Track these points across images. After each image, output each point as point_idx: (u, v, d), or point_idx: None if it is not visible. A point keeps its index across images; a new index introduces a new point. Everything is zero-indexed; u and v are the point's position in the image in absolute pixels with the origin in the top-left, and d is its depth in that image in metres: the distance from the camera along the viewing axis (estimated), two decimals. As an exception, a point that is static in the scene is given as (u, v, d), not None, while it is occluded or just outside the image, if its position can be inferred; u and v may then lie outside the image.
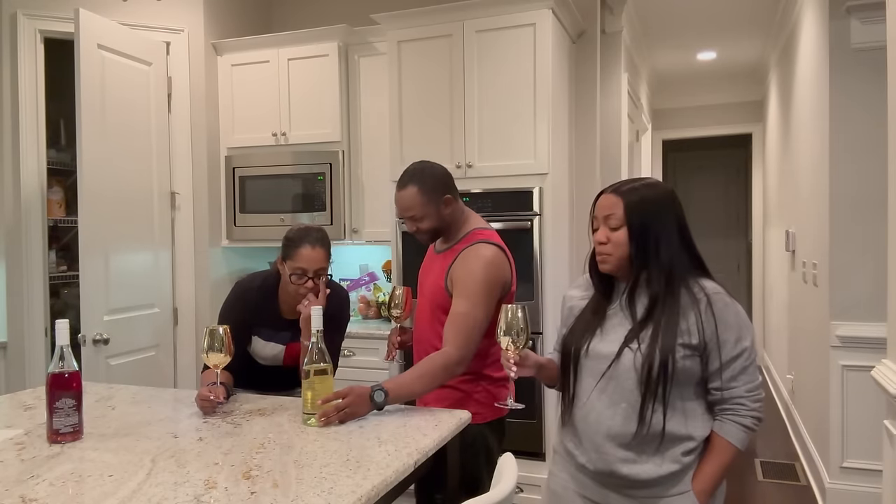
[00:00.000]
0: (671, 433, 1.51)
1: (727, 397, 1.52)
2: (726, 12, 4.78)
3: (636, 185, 1.58)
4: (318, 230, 2.13)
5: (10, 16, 3.25)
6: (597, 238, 1.60)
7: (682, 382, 1.51)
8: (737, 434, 1.52)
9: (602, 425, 1.54)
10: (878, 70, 2.79)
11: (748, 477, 3.85)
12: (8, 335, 3.30)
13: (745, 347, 1.52)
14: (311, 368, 1.78)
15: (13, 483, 1.39)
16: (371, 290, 3.97)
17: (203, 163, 3.71)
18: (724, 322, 1.51)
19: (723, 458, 1.53)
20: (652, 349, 1.49)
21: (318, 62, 3.65)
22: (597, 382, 1.56)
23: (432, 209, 2.01)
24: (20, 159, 3.25)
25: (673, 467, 1.52)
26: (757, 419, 1.53)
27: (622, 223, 1.54)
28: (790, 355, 4.80)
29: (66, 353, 1.66)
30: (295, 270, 2.06)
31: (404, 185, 2.02)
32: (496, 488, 1.41)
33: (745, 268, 8.33)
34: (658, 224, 1.54)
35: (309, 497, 1.30)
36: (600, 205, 1.59)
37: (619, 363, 1.53)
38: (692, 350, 1.50)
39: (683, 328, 1.50)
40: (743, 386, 1.52)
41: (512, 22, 3.13)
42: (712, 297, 1.52)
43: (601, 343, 1.57)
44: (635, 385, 1.51)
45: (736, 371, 1.52)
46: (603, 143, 3.79)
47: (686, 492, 1.53)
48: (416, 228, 2.05)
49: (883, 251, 2.38)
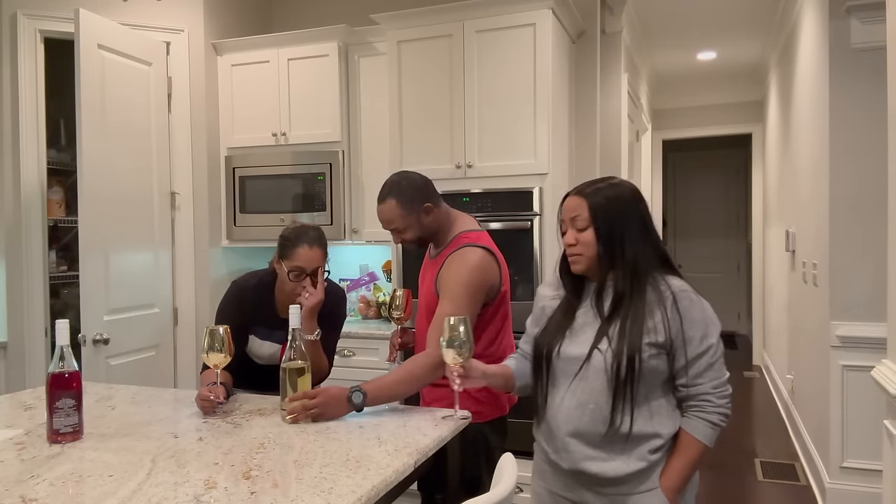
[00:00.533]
0: (638, 431, 1.53)
1: (693, 394, 1.54)
2: (726, 12, 4.78)
3: (600, 186, 1.60)
4: (315, 229, 2.15)
5: (10, 16, 3.25)
6: (566, 240, 1.62)
7: (649, 381, 1.53)
8: (704, 430, 1.54)
9: (570, 424, 1.57)
10: (878, 70, 2.79)
11: (748, 477, 3.85)
12: (8, 335, 3.30)
13: (711, 344, 1.54)
14: (289, 366, 1.82)
15: (13, 483, 1.39)
16: (371, 290, 3.97)
17: (203, 163, 3.71)
18: (690, 319, 1.53)
19: (690, 454, 1.54)
20: (620, 348, 1.52)
21: (318, 62, 3.65)
22: (570, 383, 1.58)
23: (413, 219, 2.02)
24: (20, 159, 3.25)
25: (640, 465, 1.54)
26: (724, 415, 1.55)
27: (588, 224, 1.57)
28: (790, 355, 4.80)
29: (66, 353, 1.66)
30: (293, 269, 2.07)
31: (383, 199, 2.04)
32: (496, 488, 1.41)
33: (745, 268, 8.33)
34: (622, 222, 1.57)
35: (309, 497, 1.30)
36: (566, 207, 1.62)
37: (590, 364, 1.55)
38: (659, 348, 1.52)
39: (650, 326, 1.53)
40: (709, 382, 1.54)
41: (512, 22, 3.13)
42: (678, 294, 1.54)
43: (572, 345, 1.60)
44: (604, 385, 1.53)
45: (702, 368, 1.53)
46: (603, 143, 3.79)
47: (654, 489, 1.55)
48: (401, 240, 2.07)
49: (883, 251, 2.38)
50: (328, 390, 1.81)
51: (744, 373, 6.66)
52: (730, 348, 7.92)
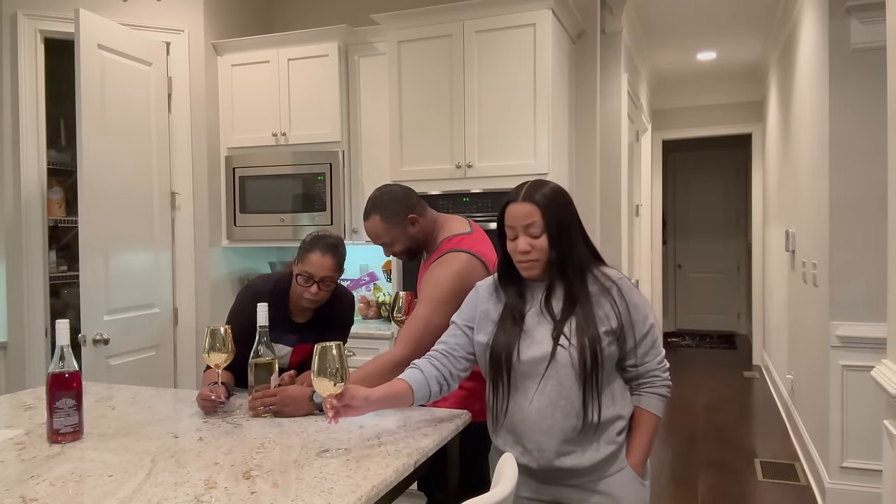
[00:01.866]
0: (606, 417, 1.60)
1: (643, 372, 1.65)
2: (726, 12, 4.78)
3: (545, 191, 1.63)
4: (334, 238, 2.14)
5: (10, 16, 3.25)
6: (520, 247, 1.62)
7: (608, 368, 1.60)
8: (657, 404, 1.66)
9: (542, 424, 1.59)
10: (878, 70, 2.79)
11: (748, 477, 3.85)
12: (8, 335, 3.30)
13: (652, 324, 1.65)
14: (255, 362, 1.89)
15: (13, 483, 1.39)
16: (371, 291, 3.98)
17: (203, 163, 3.71)
18: (634, 303, 1.63)
19: (649, 428, 1.66)
20: (581, 341, 1.56)
21: (318, 62, 3.65)
22: (538, 384, 1.60)
23: (399, 232, 2.06)
24: (20, 159, 3.25)
25: (610, 448, 1.61)
26: (668, 387, 1.68)
27: (542, 230, 1.60)
28: (790, 355, 4.80)
29: (66, 353, 1.66)
30: (301, 273, 2.09)
31: (368, 216, 2.09)
32: (496, 488, 1.41)
33: (745, 268, 8.34)
34: (569, 225, 1.63)
35: (309, 497, 1.30)
36: (516, 214, 1.62)
37: (556, 362, 1.58)
38: (612, 335, 1.60)
39: (601, 315, 1.60)
40: (654, 359, 1.65)
41: (512, 22, 3.13)
42: (619, 282, 1.64)
43: (531, 347, 1.61)
44: (574, 380, 1.57)
45: (647, 346, 1.64)
46: (603, 143, 3.79)
47: (623, 468, 1.63)
48: (391, 252, 2.12)
49: (883, 251, 2.38)
50: (287, 389, 1.88)
51: (744, 373, 6.66)
52: (729, 348, 7.92)
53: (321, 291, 2.10)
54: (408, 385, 1.66)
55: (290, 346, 2.23)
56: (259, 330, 1.91)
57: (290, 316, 2.22)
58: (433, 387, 1.69)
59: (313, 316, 2.23)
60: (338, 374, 1.53)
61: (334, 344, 1.54)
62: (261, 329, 1.91)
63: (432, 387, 1.69)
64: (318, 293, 2.09)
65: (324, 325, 2.21)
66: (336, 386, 1.53)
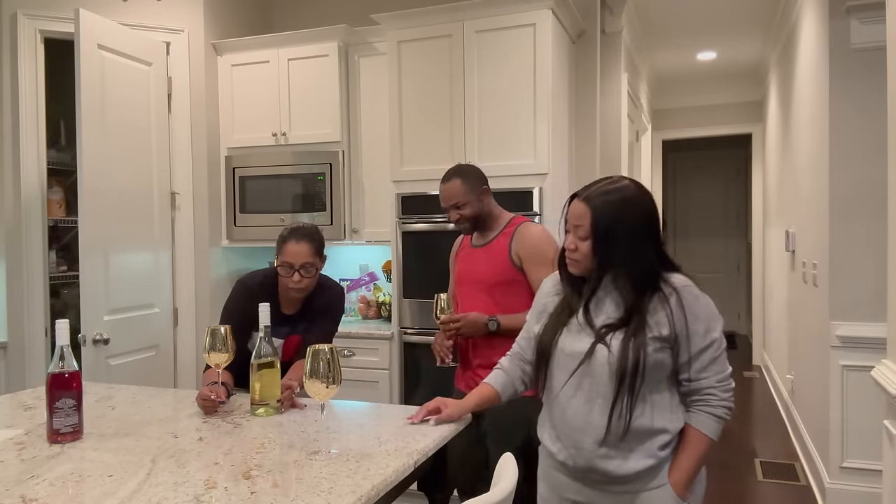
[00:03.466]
0: (646, 427, 1.53)
1: (697, 388, 1.56)
2: (726, 12, 4.78)
3: (609, 197, 1.57)
4: (308, 227, 2.24)
5: (10, 16, 3.25)
6: (566, 244, 1.63)
7: (654, 376, 1.53)
8: (710, 424, 1.55)
9: (579, 420, 1.57)
10: (878, 70, 2.79)
11: (748, 477, 3.85)
12: (8, 335, 3.30)
13: (715, 339, 1.55)
14: (258, 362, 1.88)
15: (13, 483, 1.39)
16: (371, 290, 3.98)
17: (203, 163, 3.71)
18: (693, 314, 1.54)
19: (698, 449, 1.56)
20: (625, 345, 1.52)
21: (318, 62, 3.65)
22: (568, 378, 1.58)
23: (473, 197, 2.32)
24: (20, 159, 3.25)
25: (649, 462, 1.54)
26: (728, 409, 1.56)
27: (588, 235, 1.57)
28: (790, 355, 4.80)
29: (66, 353, 1.66)
30: (282, 265, 2.17)
31: (448, 179, 2.35)
32: (496, 488, 1.41)
33: (745, 268, 8.33)
34: (625, 234, 1.55)
35: (309, 497, 1.30)
36: (571, 211, 1.62)
37: (593, 360, 1.55)
38: (663, 342, 1.53)
39: (654, 321, 1.53)
40: (714, 376, 1.55)
41: (512, 22, 3.13)
42: (680, 290, 1.56)
43: (571, 340, 1.60)
44: (608, 379, 1.53)
45: (706, 362, 1.55)
46: (603, 143, 3.79)
47: (664, 485, 1.55)
48: (459, 216, 2.33)
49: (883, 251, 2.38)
50: (469, 315, 2.26)
51: (744, 373, 6.66)
52: (730, 348, 7.88)
53: (304, 279, 2.17)
54: (495, 391, 1.83)
55: (281, 338, 2.28)
56: (261, 329, 1.91)
57: (280, 309, 2.27)
58: (518, 387, 1.85)
59: (302, 307, 2.30)
60: (330, 375, 1.53)
61: (327, 346, 1.54)
62: (263, 328, 1.91)
63: (518, 387, 1.85)
64: (301, 281, 2.16)
65: (312, 315, 2.29)
66: (329, 388, 1.53)
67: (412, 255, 3.33)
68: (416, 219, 3.32)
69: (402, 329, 3.36)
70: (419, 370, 3.32)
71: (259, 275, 2.33)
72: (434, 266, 3.28)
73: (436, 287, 3.27)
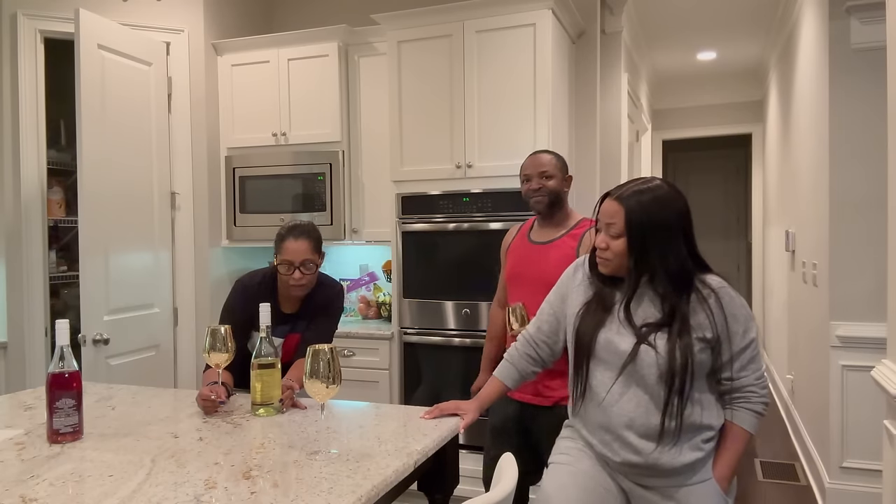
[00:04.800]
0: (692, 423, 1.57)
1: (738, 386, 1.60)
2: (726, 12, 4.78)
3: (642, 197, 1.58)
4: (305, 224, 2.24)
5: (10, 16, 3.25)
6: (597, 242, 1.63)
7: (698, 375, 1.57)
8: (750, 420, 1.61)
9: (625, 417, 1.58)
10: (878, 70, 2.79)
11: (748, 477, 3.85)
12: (8, 335, 3.30)
13: (752, 338, 1.60)
14: (258, 362, 1.88)
15: (13, 483, 1.39)
16: (371, 290, 3.97)
17: (203, 163, 3.71)
18: (733, 315, 1.58)
19: (739, 444, 1.61)
20: (672, 346, 1.53)
21: (318, 62, 3.65)
22: (617, 376, 1.60)
23: (560, 177, 2.32)
24: (20, 159, 3.25)
25: (697, 454, 1.57)
26: (766, 404, 1.63)
27: (622, 233, 1.57)
28: (790, 355, 4.80)
29: (66, 353, 1.66)
30: (281, 262, 2.17)
31: (541, 152, 2.37)
32: (496, 488, 1.41)
33: (745, 268, 8.33)
34: (659, 233, 1.56)
35: (309, 497, 1.30)
36: (604, 210, 1.62)
37: (639, 359, 1.56)
38: (706, 343, 1.56)
39: (695, 324, 1.56)
40: (752, 374, 1.60)
41: (512, 22, 3.13)
42: (719, 291, 1.58)
43: (615, 338, 1.61)
44: (656, 380, 1.55)
45: (745, 361, 1.59)
46: (603, 143, 3.79)
47: (707, 479, 1.59)
48: (542, 185, 2.28)
49: (883, 251, 2.38)
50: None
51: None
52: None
53: (305, 276, 2.17)
54: (506, 386, 1.89)
55: (281, 337, 2.29)
56: (262, 329, 1.91)
57: (280, 307, 2.27)
58: (528, 377, 1.90)
59: (302, 306, 2.30)
60: (331, 375, 1.53)
61: (327, 346, 1.54)
62: (265, 328, 1.91)
63: (527, 378, 1.90)
64: (302, 278, 2.16)
65: (312, 313, 2.28)
66: (329, 388, 1.53)
67: (412, 255, 3.33)
68: (416, 219, 3.32)
69: (402, 329, 3.36)
70: (419, 370, 3.32)
71: (258, 274, 2.33)
72: (434, 266, 3.29)
73: (436, 287, 3.28)
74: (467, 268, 3.19)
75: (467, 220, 3.21)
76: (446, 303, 3.25)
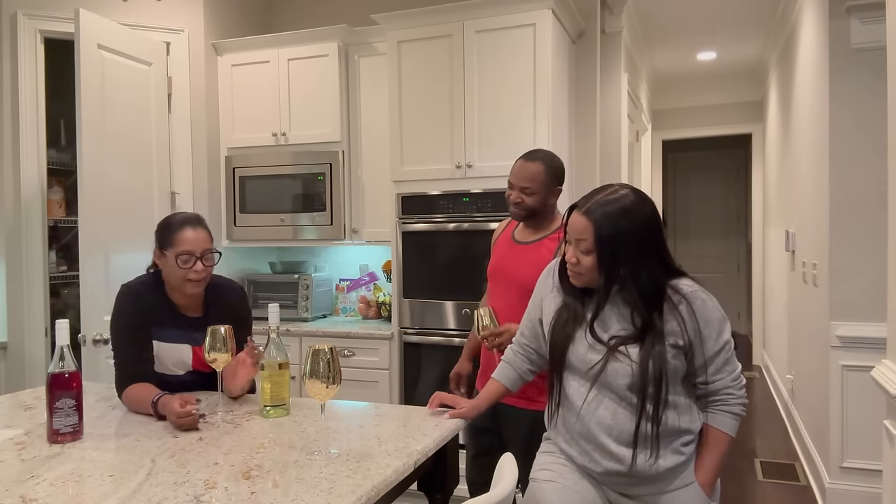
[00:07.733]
0: (670, 428, 1.56)
1: (714, 390, 1.60)
2: (726, 12, 4.78)
3: (609, 209, 1.54)
4: (195, 213, 2.13)
5: (10, 16, 3.25)
6: (567, 257, 1.62)
7: (672, 380, 1.56)
8: (729, 423, 1.61)
9: (603, 426, 1.57)
10: (878, 70, 2.79)
11: (748, 477, 3.85)
12: (8, 335, 3.30)
13: (726, 340, 1.59)
14: (267, 363, 1.87)
15: (13, 483, 1.39)
16: (371, 290, 3.97)
17: (203, 163, 3.71)
18: (705, 319, 1.56)
19: (720, 447, 1.60)
20: (645, 354, 1.52)
21: (318, 62, 3.65)
22: (591, 386, 1.59)
23: (545, 190, 2.18)
24: (20, 159, 3.25)
25: (678, 458, 1.56)
26: (744, 405, 1.62)
27: (592, 249, 1.55)
28: (790, 355, 4.80)
29: (66, 353, 1.66)
30: (181, 254, 1.98)
31: (533, 159, 2.19)
32: (496, 488, 1.41)
33: (745, 268, 8.33)
34: (629, 248, 1.54)
35: (309, 497, 1.30)
36: (571, 225, 1.59)
37: (612, 368, 1.55)
38: (678, 349, 1.55)
39: (667, 331, 1.54)
40: (728, 376, 1.60)
41: (512, 22, 3.13)
42: (689, 296, 1.56)
43: (585, 351, 1.60)
44: (629, 388, 1.54)
45: (720, 364, 1.59)
46: (603, 143, 3.79)
47: (689, 484, 1.58)
48: (521, 200, 2.18)
49: (883, 251, 2.38)
50: (511, 328, 2.05)
51: (744, 373, 6.64)
52: (730, 348, 7.89)
53: (206, 268, 2.01)
54: (504, 387, 1.89)
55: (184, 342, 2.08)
56: (271, 331, 1.89)
57: (182, 311, 2.09)
58: (526, 378, 1.90)
59: (207, 309, 2.11)
60: (331, 375, 1.52)
61: (327, 346, 1.54)
62: (275, 329, 1.89)
63: (526, 378, 1.90)
64: (203, 270, 2.00)
65: (221, 319, 1.99)
66: (329, 388, 1.53)
67: (412, 254, 3.33)
68: (416, 219, 3.32)
69: (402, 329, 3.36)
70: (419, 370, 3.32)
71: (136, 281, 2.11)
72: (434, 266, 3.29)
73: (436, 287, 3.28)
74: (467, 268, 3.19)
75: (467, 220, 3.21)
76: (446, 303, 3.25)
